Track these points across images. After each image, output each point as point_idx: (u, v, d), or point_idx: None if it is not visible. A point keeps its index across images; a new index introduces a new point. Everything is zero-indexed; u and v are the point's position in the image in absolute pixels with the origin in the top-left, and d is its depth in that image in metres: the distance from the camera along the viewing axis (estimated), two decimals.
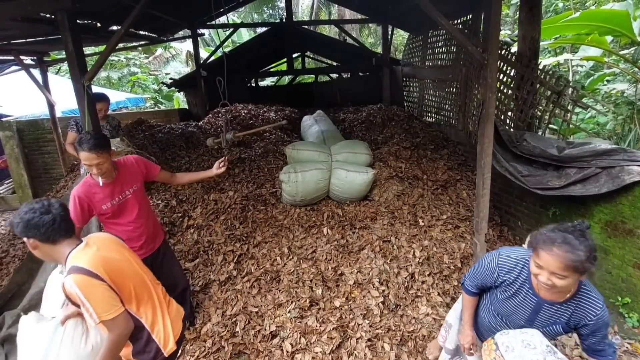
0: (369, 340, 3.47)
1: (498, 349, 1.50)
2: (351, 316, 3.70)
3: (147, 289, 2.25)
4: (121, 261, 2.17)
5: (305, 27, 10.84)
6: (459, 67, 6.21)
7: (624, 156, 3.58)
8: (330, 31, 19.13)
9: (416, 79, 8.70)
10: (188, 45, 17.60)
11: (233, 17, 19.50)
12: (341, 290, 3.99)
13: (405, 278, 4.04)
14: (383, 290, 3.89)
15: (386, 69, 9.64)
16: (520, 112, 4.87)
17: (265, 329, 3.61)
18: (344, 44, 11.75)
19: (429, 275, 4.13)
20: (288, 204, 5.29)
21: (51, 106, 7.07)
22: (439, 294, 3.93)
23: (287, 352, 3.40)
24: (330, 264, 4.32)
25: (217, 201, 5.14)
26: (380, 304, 3.76)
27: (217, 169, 3.51)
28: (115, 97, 11.78)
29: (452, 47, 6.68)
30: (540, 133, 4.75)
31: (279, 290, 4.03)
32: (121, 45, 8.45)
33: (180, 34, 9.73)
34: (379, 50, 10.93)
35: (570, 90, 4.51)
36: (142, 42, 8.05)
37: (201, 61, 9.70)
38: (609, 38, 6.76)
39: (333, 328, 3.56)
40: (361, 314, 3.70)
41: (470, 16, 5.99)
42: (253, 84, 12.57)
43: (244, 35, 18.79)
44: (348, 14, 16.05)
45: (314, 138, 6.81)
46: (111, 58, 15.95)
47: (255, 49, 10.41)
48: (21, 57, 6.21)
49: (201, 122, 7.91)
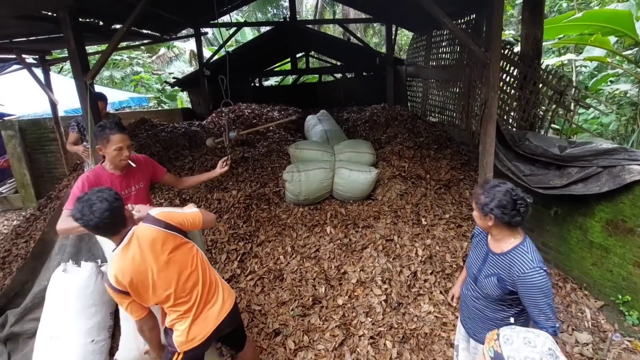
0: (372, 338, 3.50)
1: (498, 339, 1.53)
2: (354, 314, 3.73)
3: (174, 293, 2.32)
4: (146, 272, 2.23)
5: (309, 27, 10.84)
6: (463, 67, 6.23)
7: (625, 155, 3.60)
8: (334, 31, 19.12)
9: (420, 79, 8.72)
10: (192, 44, 17.61)
11: (237, 16, 19.53)
12: (344, 288, 4.02)
13: (407, 276, 4.06)
14: (386, 288, 3.92)
15: (390, 69, 9.65)
16: (522, 112, 4.88)
17: (268, 327, 3.64)
18: (348, 44, 11.77)
19: (431, 273, 4.15)
20: (291, 203, 5.32)
21: (53, 105, 7.07)
22: (441, 292, 3.94)
23: (290, 350, 3.43)
24: (333, 263, 4.35)
25: (221, 200, 5.16)
26: (382, 302, 3.79)
27: (221, 168, 3.53)
28: (118, 97, 11.81)
29: (456, 47, 6.70)
30: (542, 133, 4.76)
31: (282, 288, 4.06)
32: (124, 44, 8.47)
33: (183, 33, 9.74)
34: (383, 50, 10.95)
35: (572, 90, 4.52)
36: (145, 41, 8.07)
37: (205, 60, 9.72)
38: (613, 39, 6.76)
39: (336, 326, 3.59)
40: (364, 312, 3.72)
41: (473, 16, 6.00)
42: (257, 84, 12.59)
43: (248, 34, 18.81)
44: (352, 14, 16.04)
45: (318, 137, 6.83)
46: (114, 57, 16.00)
47: (259, 49, 10.43)
48: (23, 56, 6.23)
49: (204, 122, 7.94)
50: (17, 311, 3.66)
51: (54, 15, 4.29)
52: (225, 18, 11.18)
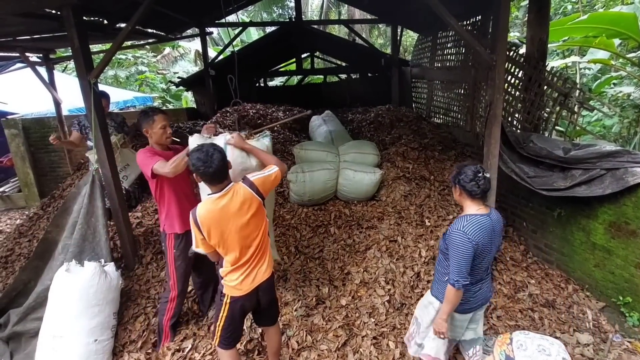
0: (374, 338, 3.51)
1: (511, 344, 1.53)
2: (357, 314, 3.73)
3: (238, 246, 2.64)
4: (227, 223, 2.56)
5: (314, 27, 10.84)
6: (468, 69, 6.22)
7: (629, 158, 3.60)
8: (339, 31, 19.12)
9: (425, 80, 8.71)
10: (196, 44, 17.65)
11: (242, 16, 19.55)
12: (347, 289, 4.03)
13: (411, 277, 4.06)
14: (389, 289, 3.92)
15: (395, 70, 9.63)
16: (527, 114, 4.87)
17: None
18: (354, 44, 11.75)
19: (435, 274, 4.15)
20: (296, 204, 5.33)
21: (57, 104, 7.05)
22: None
23: (294, 350, 3.44)
24: (336, 263, 4.36)
25: None
26: (386, 303, 3.79)
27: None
28: (123, 96, 11.81)
29: (461, 49, 6.70)
30: (546, 135, 4.75)
31: (286, 288, 4.07)
32: (129, 43, 8.45)
33: (188, 33, 9.74)
34: (388, 51, 10.93)
35: (577, 92, 4.52)
36: (150, 40, 8.07)
37: (210, 60, 9.74)
38: (617, 41, 6.74)
39: (339, 326, 3.60)
40: (367, 313, 3.73)
41: (479, 17, 6.00)
42: (261, 84, 12.60)
43: (253, 34, 18.84)
44: (358, 14, 16.03)
45: (322, 138, 6.85)
46: (119, 56, 16.05)
47: (264, 49, 10.42)
48: (27, 54, 6.22)
49: (209, 122, 7.94)
50: (20, 310, 3.67)
51: (58, 13, 4.29)
52: (230, 18, 11.18)
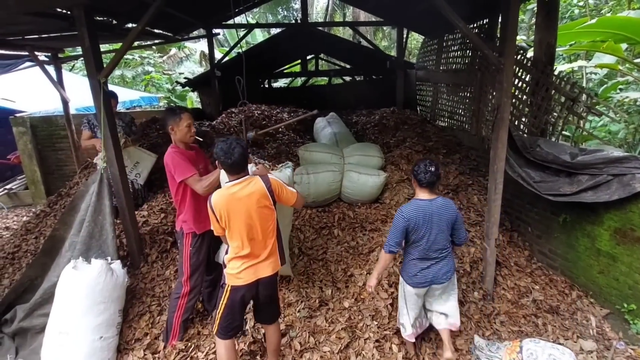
0: (377, 341, 3.51)
1: (521, 352, 1.52)
2: (360, 317, 3.74)
3: (242, 235, 2.83)
4: (237, 208, 2.78)
5: (319, 29, 10.87)
6: (474, 72, 6.21)
7: (636, 164, 3.57)
8: (344, 33, 19.15)
9: (430, 83, 8.70)
10: (202, 45, 17.72)
11: (248, 18, 19.61)
12: (350, 291, 4.03)
13: None
14: (392, 292, 3.91)
15: (400, 72, 9.62)
16: (534, 118, 4.86)
17: None
18: (359, 47, 11.75)
19: None
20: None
21: (65, 103, 7.09)
22: None
23: (296, 351, 3.44)
24: (340, 265, 4.36)
25: None
26: (389, 306, 3.78)
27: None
28: (129, 96, 11.88)
29: (467, 52, 6.68)
30: (553, 139, 4.74)
31: (289, 290, 4.07)
32: (136, 43, 8.49)
33: (195, 34, 9.79)
34: (393, 53, 10.92)
35: (584, 97, 4.50)
36: (157, 41, 8.10)
37: (215, 61, 9.77)
38: (624, 46, 6.72)
39: (342, 328, 3.60)
40: (370, 315, 3.73)
41: (486, 20, 5.99)
42: (266, 85, 12.62)
43: (258, 36, 18.88)
44: (363, 16, 16.04)
45: (327, 140, 6.86)
46: (126, 56, 16.09)
47: (269, 50, 10.45)
48: (36, 53, 6.27)
49: (214, 122, 7.97)
50: (27, 306, 3.70)
51: (69, 13, 4.33)
52: (236, 19, 11.21)
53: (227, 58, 10.43)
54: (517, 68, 5.06)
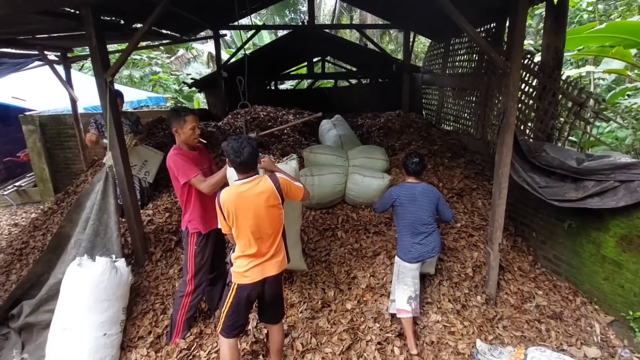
0: (379, 343, 3.51)
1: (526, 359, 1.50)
2: (362, 319, 3.74)
3: (249, 234, 2.84)
4: (245, 207, 2.80)
5: (326, 31, 10.89)
6: (481, 76, 6.20)
7: None
8: (351, 36, 19.17)
9: (436, 87, 8.69)
10: (209, 46, 17.79)
11: (255, 20, 19.69)
12: (353, 293, 4.03)
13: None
14: None
15: (406, 76, 9.61)
16: (540, 123, 4.84)
17: None
18: (365, 49, 11.73)
19: (440, 283, 4.15)
20: (304, 207, 5.33)
21: (74, 102, 7.15)
22: (449, 301, 3.94)
23: (298, 352, 3.45)
24: (343, 267, 4.36)
25: None
26: None
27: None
28: (137, 96, 11.98)
29: (474, 55, 6.67)
30: (559, 144, 4.72)
31: (292, 290, 4.08)
32: (144, 43, 8.55)
33: (202, 35, 9.84)
34: (399, 57, 10.91)
35: (592, 102, 4.47)
36: (165, 41, 8.16)
37: (222, 62, 9.80)
38: (633, 51, 6.68)
39: (344, 330, 3.61)
40: (372, 318, 3.73)
41: (494, 24, 5.97)
42: (272, 87, 12.64)
43: (265, 37, 18.95)
44: (370, 19, 16.05)
45: (332, 142, 6.85)
46: (134, 57, 16.23)
47: (276, 52, 10.47)
48: (45, 53, 6.32)
49: (220, 123, 7.99)
50: (33, 302, 3.73)
51: (77, 12, 4.37)
52: (244, 21, 11.26)
53: (234, 59, 10.46)
54: (524, 72, 5.05)
